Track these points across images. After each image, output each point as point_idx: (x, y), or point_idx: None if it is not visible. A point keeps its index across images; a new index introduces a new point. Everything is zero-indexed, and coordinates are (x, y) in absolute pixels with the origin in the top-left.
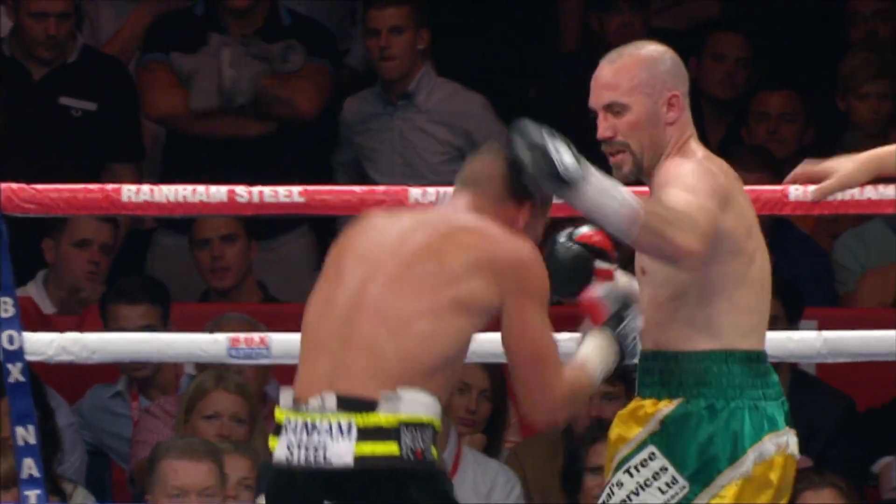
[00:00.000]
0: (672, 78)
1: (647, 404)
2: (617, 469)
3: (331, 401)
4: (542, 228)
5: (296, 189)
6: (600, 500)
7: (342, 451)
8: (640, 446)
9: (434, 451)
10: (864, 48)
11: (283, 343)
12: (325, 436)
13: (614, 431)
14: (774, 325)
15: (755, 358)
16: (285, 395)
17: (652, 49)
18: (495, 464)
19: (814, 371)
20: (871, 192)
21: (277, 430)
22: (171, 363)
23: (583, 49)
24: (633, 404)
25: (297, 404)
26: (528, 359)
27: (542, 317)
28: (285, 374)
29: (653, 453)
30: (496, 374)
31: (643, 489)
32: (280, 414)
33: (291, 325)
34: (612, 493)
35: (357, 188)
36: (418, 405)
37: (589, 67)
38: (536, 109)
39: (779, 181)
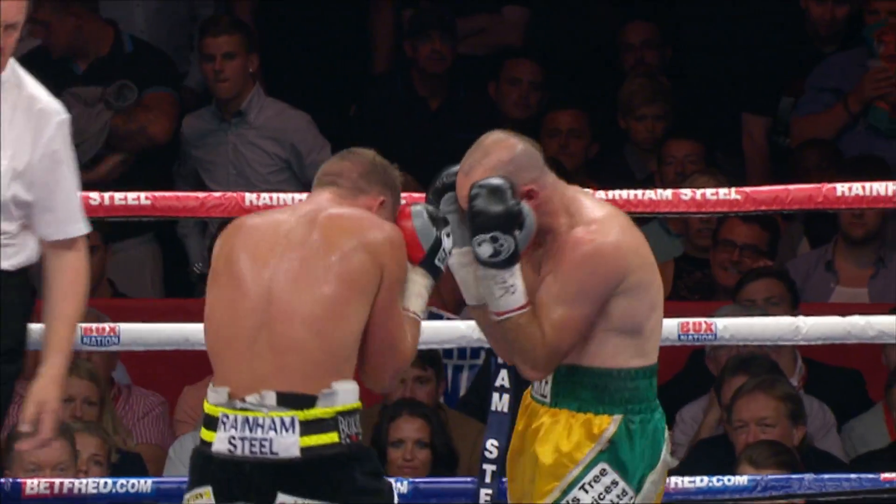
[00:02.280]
0: (526, 173)
1: (579, 418)
2: (570, 487)
3: (270, 398)
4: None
5: (143, 194)
6: None
7: (289, 443)
8: (591, 464)
9: (360, 430)
10: (641, 75)
11: (130, 332)
12: (269, 431)
13: (544, 448)
14: None
15: (656, 370)
16: (218, 392)
17: (493, 162)
18: None
19: None
20: (651, 194)
21: (211, 423)
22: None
23: (394, 71)
24: (548, 417)
25: (233, 400)
26: (388, 335)
27: (400, 295)
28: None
29: (604, 469)
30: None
31: (598, 503)
32: (214, 409)
33: (136, 316)
34: None
35: (199, 193)
36: (348, 394)
37: (399, 88)
38: (355, 126)
39: None
